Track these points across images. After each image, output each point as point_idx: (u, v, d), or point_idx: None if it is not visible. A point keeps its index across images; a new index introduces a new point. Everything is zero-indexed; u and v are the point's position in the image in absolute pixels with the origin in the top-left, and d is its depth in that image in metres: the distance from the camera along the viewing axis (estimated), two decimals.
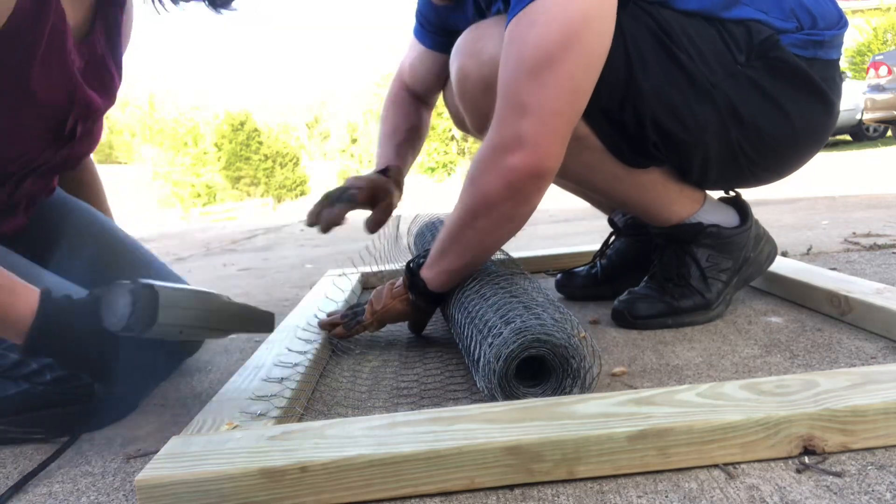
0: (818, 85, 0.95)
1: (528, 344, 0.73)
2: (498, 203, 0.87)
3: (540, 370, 0.76)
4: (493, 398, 0.74)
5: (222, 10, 0.91)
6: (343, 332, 1.06)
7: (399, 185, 1.20)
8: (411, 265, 1.01)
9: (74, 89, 0.90)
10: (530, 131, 0.82)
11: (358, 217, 1.38)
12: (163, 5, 0.91)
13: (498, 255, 1.16)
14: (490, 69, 0.90)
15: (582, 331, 0.76)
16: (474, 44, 0.94)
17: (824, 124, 1.00)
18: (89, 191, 1.16)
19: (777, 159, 1.01)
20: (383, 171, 1.20)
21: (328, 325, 1.09)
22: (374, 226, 1.16)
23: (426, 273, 0.98)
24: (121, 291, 0.74)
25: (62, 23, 0.85)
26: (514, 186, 0.85)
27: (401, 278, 1.04)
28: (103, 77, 0.96)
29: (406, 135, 1.27)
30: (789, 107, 0.95)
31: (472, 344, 0.82)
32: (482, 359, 0.76)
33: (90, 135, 0.97)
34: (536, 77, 0.81)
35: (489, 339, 0.77)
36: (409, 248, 1.55)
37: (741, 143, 0.96)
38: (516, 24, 0.83)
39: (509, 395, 0.74)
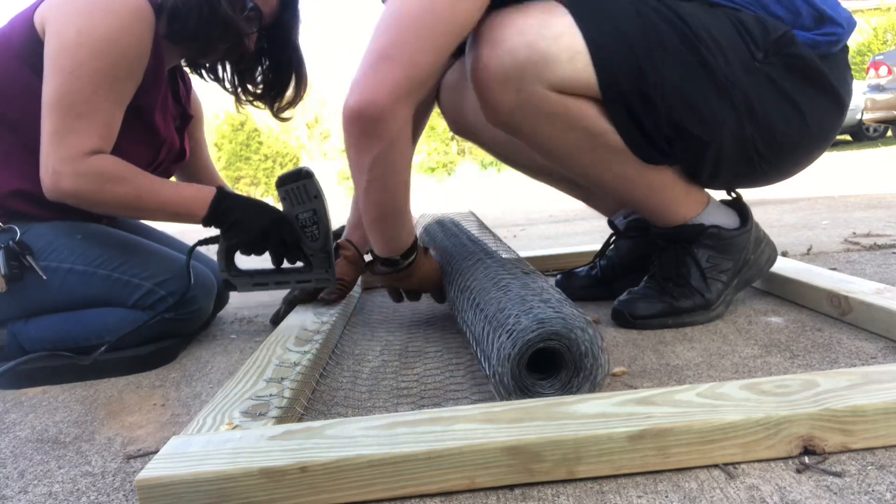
0: (832, 84, 0.95)
1: (548, 335, 0.71)
2: (348, 146, 0.92)
3: (550, 364, 0.75)
4: (500, 383, 0.73)
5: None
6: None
7: (354, 262, 1.31)
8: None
9: (169, 131, 1.31)
10: (357, 75, 0.87)
11: None
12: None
13: (509, 255, 1.17)
14: (511, 60, 0.90)
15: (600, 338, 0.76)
16: (493, 32, 0.91)
17: (835, 123, 1.01)
18: (206, 177, 1.53)
19: (788, 158, 1.01)
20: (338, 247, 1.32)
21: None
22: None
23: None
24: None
25: (165, 80, 1.25)
26: (346, 129, 0.90)
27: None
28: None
29: None
30: (804, 105, 0.95)
31: (487, 328, 0.80)
32: (496, 342, 0.75)
33: (176, 156, 1.38)
34: (376, 31, 0.88)
35: (509, 323, 0.75)
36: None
37: (755, 141, 0.96)
38: None
39: (518, 383, 0.72)
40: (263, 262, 1.23)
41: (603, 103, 0.93)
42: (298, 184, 1.14)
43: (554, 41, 0.89)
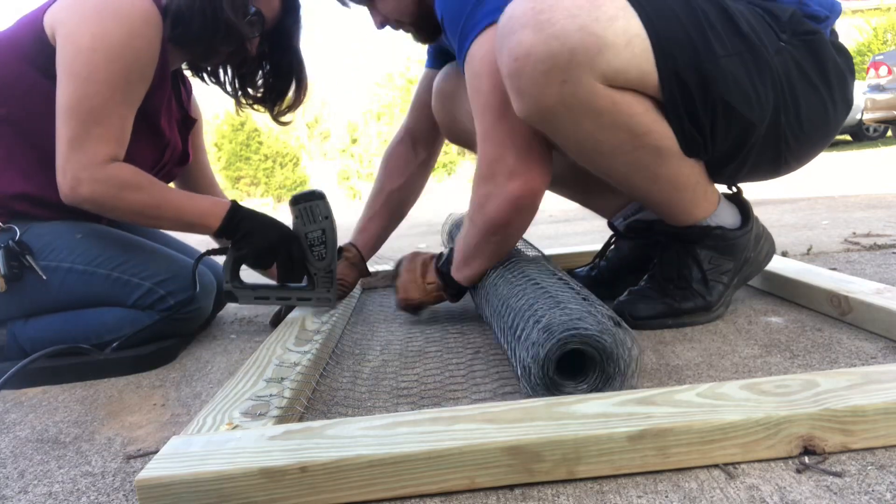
0: (843, 70, 0.96)
1: (592, 340, 0.72)
2: (509, 223, 1.01)
3: (578, 367, 0.75)
4: (531, 364, 0.73)
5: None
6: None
7: (355, 265, 1.36)
8: (443, 270, 1.16)
9: (173, 133, 1.32)
10: (518, 162, 0.95)
11: (352, 220, 1.40)
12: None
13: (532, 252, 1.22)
14: (561, 45, 0.82)
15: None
16: (538, 15, 0.82)
17: (843, 116, 1.00)
18: (204, 182, 1.54)
19: (806, 150, 1.01)
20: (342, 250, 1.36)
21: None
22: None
23: (457, 275, 1.13)
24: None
25: (169, 83, 1.26)
26: (520, 208, 0.98)
27: (429, 273, 1.19)
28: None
29: (387, 197, 1.42)
30: (824, 92, 0.94)
31: (539, 307, 0.80)
32: (540, 325, 0.75)
33: (177, 161, 1.39)
34: (502, 117, 0.94)
35: (557, 311, 0.75)
36: (443, 239, 1.58)
37: (786, 129, 0.95)
38: (469, 70, 0.97)
39: (547, 368, 0.73)
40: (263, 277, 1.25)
41: (651, 98, 0.89)
42: (311, 203, 1.18)
43: (609, 24, 0.82)
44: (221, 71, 1.35)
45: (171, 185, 1.47)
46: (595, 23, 0.82)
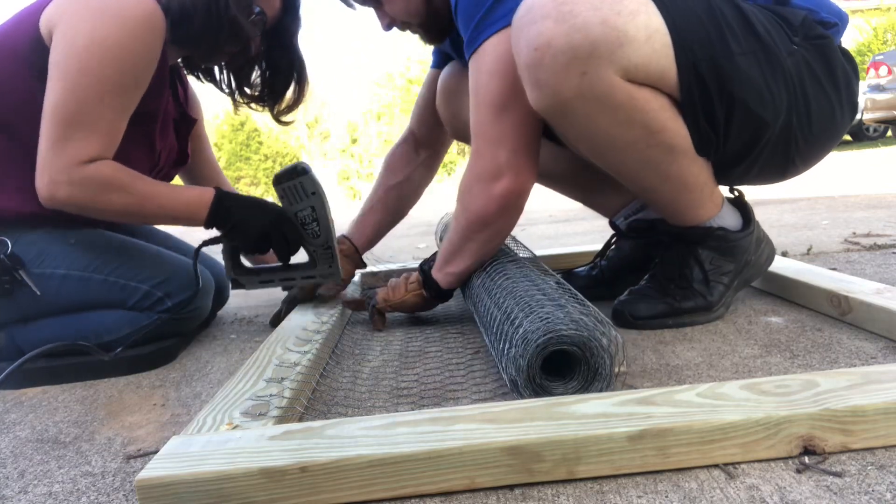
0: (850, 73, 0.96)
1: (576, 340, 0.72)
2: (492, 221, 1.02)
3: (564, 365, 0.76)
4: (516, 371, 0.74)
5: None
6: (357, 307, 1.28)
7: (349, 257, 1.36)
8: (424, 268, 1.16)
9: (168, 136, 1.30)
10: (509, 161, 0.97)
11: (351, 219, 1.40)
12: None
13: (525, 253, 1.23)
14: (583, 38, 0.81)
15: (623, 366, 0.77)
16: (560, 6, 0.82)
17: (849, 119, 1.01)
18: (208, 173, 1.54)
19: (814, 150, 1.01)
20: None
21: (351, 304, 1.29)
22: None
23: (437, 275, 1.13)
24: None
25: (168, 86, 1.23)
26: (505, 207, 1.00)
27: (413, 274, 1.18)
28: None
29: (384, 192, 1.42)
30: (833, 96, 0.95)
31: (517, 315, 0.81)
32: (522, 328, 0.76)
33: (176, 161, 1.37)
34: (500, 116, 0.95)
35: (539, 314, 0.76)
36: (437, 242, 1.59)
37: (796, 129, 0.95)
38: (475, 65, 0.97)
39: (533, 372, 0.73)
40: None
41: (667, 95, 0.89)
42: (294, 182, 1.13)
43: (631, 19, 0.82)
44: (217, 69, 1.34)
45: (177, 179, 1.45)
46: (617, 16, 0.82)
